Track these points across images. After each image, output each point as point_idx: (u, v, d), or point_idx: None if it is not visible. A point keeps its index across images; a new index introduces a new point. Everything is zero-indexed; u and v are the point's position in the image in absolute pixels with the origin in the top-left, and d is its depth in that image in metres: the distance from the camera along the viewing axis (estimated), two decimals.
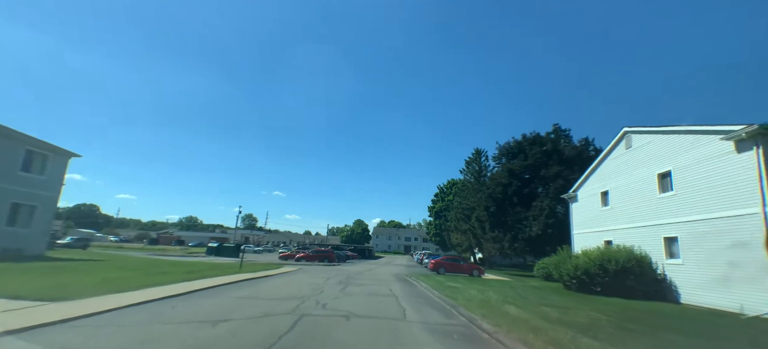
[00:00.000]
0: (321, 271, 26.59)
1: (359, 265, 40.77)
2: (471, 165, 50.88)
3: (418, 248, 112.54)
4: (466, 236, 47.74)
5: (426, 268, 38.94)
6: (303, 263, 38.56)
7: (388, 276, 24.67)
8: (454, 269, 29.67)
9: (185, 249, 59.76)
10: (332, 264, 39.06)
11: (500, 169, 33.58)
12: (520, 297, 13.16)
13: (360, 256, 67.89)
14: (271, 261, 39.06)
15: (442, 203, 61.95)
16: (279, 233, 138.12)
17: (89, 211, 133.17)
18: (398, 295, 13.43)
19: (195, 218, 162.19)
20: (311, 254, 42.77)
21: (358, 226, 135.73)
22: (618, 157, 19.36)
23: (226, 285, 13.73)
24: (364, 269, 32.20)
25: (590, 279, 15.75)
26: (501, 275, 31.32)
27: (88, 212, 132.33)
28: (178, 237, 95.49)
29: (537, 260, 28.32)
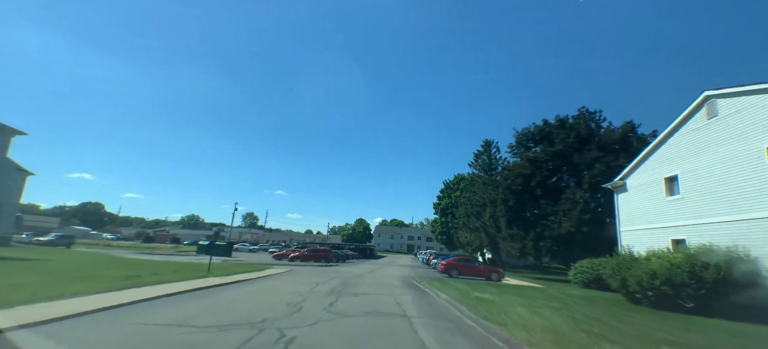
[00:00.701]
0: (313, 273, 22.38)
1: (359, 266, 36.58)
2: (480, 158, 46.51)
3: (421, 247, 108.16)
4: (476, 234, 43.41)
5: (434, 269, 34.66)
6: (296, 264, 34.44)
7: (393, 280, 20.41)
8: (468, 271, 25.39)
9: (176, 247, 55.81)
10: (329, 265, 34.85)
11: (520, 158, 29.28)
12: (596, 320, 8.85)
13: (361, 255, 63.64)
14: (262, 261, 34.93)
15: (448, 200, 57.60)
16: (280, 232, 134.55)
17: (95, 209, 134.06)
18: (411, 313, 9.19)
19: (197, 216, 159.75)
20: (306, 253, 38.59)
21: (360, 225, 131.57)
22: (694, 132, 14.98)
23: (166, 298, 9.55)
24: (364, 270, 27.95)
25: (675, 291, 11.42)
26: (524, 279, 26.95)
27: (94, 210, 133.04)
28: (174, 235, 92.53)
29: (558, 261, 23.81)
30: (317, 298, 11.17)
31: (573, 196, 22.95)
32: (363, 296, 12.37)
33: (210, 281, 14.37)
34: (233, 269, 20.36)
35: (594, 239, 21.60)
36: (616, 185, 19.68)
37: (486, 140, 46.74)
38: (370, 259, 60.15)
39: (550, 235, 24.63)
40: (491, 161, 45.26)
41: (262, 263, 31.43)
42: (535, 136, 28.58)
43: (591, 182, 23.72)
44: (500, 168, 45.16)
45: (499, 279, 24.84)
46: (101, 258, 23.70)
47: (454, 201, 56.17)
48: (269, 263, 33.12)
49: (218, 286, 13.43)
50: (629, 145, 23.77)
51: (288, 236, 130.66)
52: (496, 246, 41.85)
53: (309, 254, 38.27)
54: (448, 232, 55.09)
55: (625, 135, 24.24)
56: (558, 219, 24.17)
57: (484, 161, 46.02)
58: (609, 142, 23.93)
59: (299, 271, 24.18)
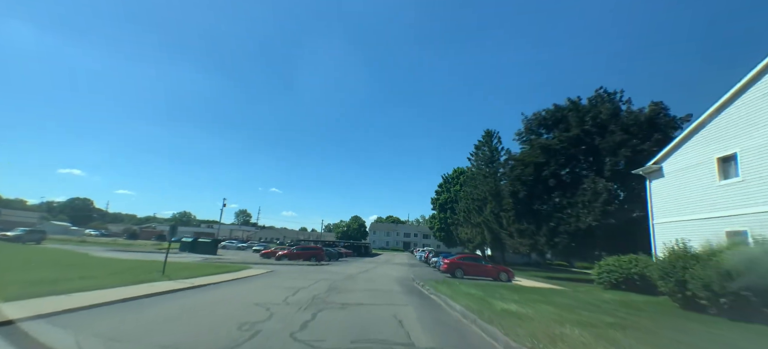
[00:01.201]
0: (298, 274, 19.42)
1: (353, 264, 33.68)
2: (481, 150, 43.79)
3: (418, 244, 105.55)
4: (478, 230, 40.76)
5: (434, 268, 31.88)
6: (284, 263, 31.48)
7: (391, 283, 17.52)
8: (475, 271, 22.61)
9: (158, 245, 52.30)
10: (320, 264, 31.88)
11: (529, 146, 26.53)
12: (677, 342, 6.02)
13: (355, 253, 60.75)
14: (246, 260, 31.89)
15: (447, 195, 54.86)
16: (274, 230, 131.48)
17: (83, 205, 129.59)
18: (420, 342, 6.25)
19: (189, 213, 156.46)
20: (295, 251, 35.59)
21: (355, 222, 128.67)
22: (761, 99, 12.23)
23: (63, 314, 6.55)
24: (357, 270, 25.01)
25: (760, 298, 8.66)
26: (535, 279, 24.21)
27: (82, 206, 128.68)
28: (161, 232, 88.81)
29: (576, 258, 21.09)
30: (289, 313, 8.21)
31: (594, 185, 20.20)
32: (352, 308, 9.43)
33: (159, 286, 11.32)
34: (205, 270, 17.33)
35: (620, 234, 18.90)
36: (649, 170, 16.93)
37: (487, 131, 44.06)
38: (365, 257, 57.26)
39: (566, 230, 21.90)
40: (493, 153, 42.56)
41: (245, 262, 28.44)
42: (546, 121, 25.81)
43: (614, 170, 21.03)
44: (502, 160, 42.48)
45: (510, 280, 22.09)
46: (55, 256, 20.56)
47: (454, 196, 53.45)
48: (253, 262, 30.10)
49: (166, 293, 10.42)
50: (658, 128, 21.08)
51: (282, 233, 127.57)
52: (498, 242, 39.21)
53: (298, 252, 35.27)
54: (447, 228, 52.40)
55: (653, 116, 21.47)
56: (576, 212, 21.43)
57: (484, 153, 43.31)
58: (634, 125, 21.17)
59: (283, 271, 21.21)
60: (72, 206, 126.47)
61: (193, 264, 21.69)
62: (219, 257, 35.08)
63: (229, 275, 16.55)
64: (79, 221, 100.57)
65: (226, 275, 16.12)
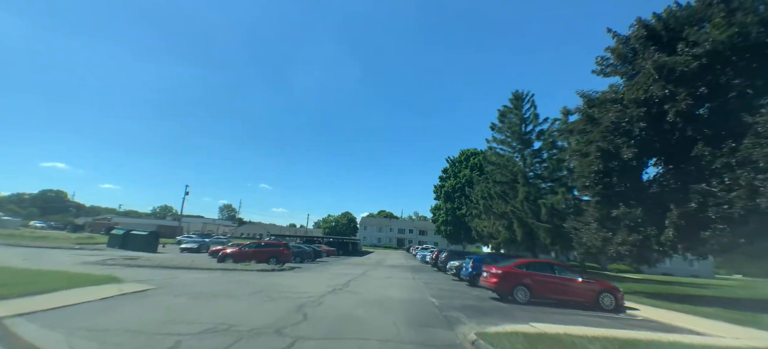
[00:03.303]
0: (185, 303, 8.38)
1: (331, 269, 22.70)
2: (507, 118, 33.12)
3: (414, 241, 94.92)
4: (502, 222, 30.20)
5: (453, 277, 21.13)
6: (224, 266, 20.72)
7: (393, 328, 6.39)
8: (553, 290, 11.98)
9: (80, 238, 40.64)
10: (281, 269, 20.89)
11: (624, 78, 15.96)
12: None
13: (340, 251, 49.48)
14: (164, 263, 20.82)
15: (454, 180, 44.22)
16: (262, 225, 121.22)
17: (56, 197, 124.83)
18: None
19: (170, 207, 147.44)
20: (248, 250, 24.49)
21: (344, 217, 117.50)
22: None
23: None
24: (327, 283, 13.87)
25: None
26: (666, 307, 13.44)
27: (55, 198, 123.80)
28: (114, 224, 78.02)
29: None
30: None
31: None
32: None
33: None
34: None
35: None
36: None
37: (515, 93, 33.38)
38: (353, 256, 46.19)
39: (724, 214, 11.37)
40: (524, 121, 31.94)
41: (168, 264, 17.68)
42: (656, 34, 15.01)
43: None
44: (535, 132, 31.97)
45: (619, 307, 11.47)
46: None
47: (463, 182, 42.82)
48: (164, 265, 19.15)
49: None
50: None
51: (268, 229, 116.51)
52: (532, 240, 28.70)
53: (251, 251, 24.15)
54: (455, 221, 41.82)
55: None
56: (747, 177, 10.94)
57: (512, 123, 32.59)
58: None
59: (181, 286, 10.39)
60: (44, 198, 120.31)
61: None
62: (137, 256, 24.14)
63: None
64: (52, 214, 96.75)
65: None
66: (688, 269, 50.22)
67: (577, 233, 18.04)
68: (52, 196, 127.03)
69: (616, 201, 15.34)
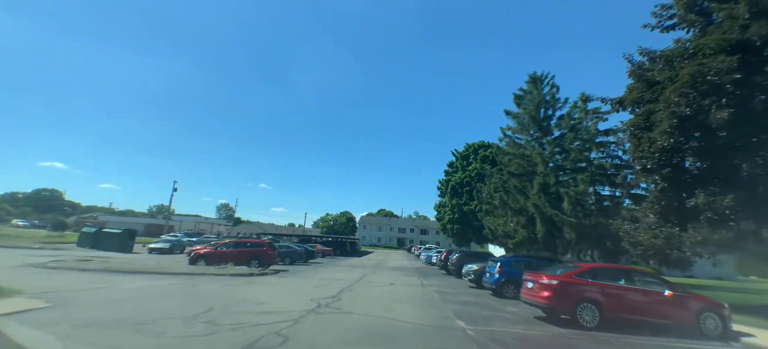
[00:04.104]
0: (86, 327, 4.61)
1: (324, 272, 18.88)
2: (525, 99, 29.48)
3: (415, 240, 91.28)
4: (519, 218, 26.64)
5: (469, 283, 17.46)
6: (197, 268, 17.14)
7: None
8: (630, 309, 8.26)
9: (60, 236, 37.01)
10: (261, 273, 17.19)
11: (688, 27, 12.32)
12: None
13: (338, 251, 45.73)
14: (124, 267, 17.24)
15: (462, 174, 40.52)
16: (260, 225, 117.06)
17: (51, 196, 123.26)
18: None
19: (166, 206, 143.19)
20: (226, 250, 20.80)
21: (343, 216, 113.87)
22: None
23: None
24: (312, 296, 9.99)
25: None
26: None
27: (50, 197, 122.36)
28: (100, 222, 74.50)
29: None
30: None
31: None
32: None
33: None
34: None
35: None
36: None
37: (532, 74, 29.80)
38: (351, 256, 42.55)
39: None
40: (543, 104, 28.29)
41: (121, 269, 14.09)
42: None
43: None
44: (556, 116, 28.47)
45: (727, 332, 7.87)
46: None
47: (472, 175, 39.15)
48: (128, 269, 15.58)
49: None
50: None
51: (266, 228, 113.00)
52: (553, 238, 25.15)
53: (229, 251, 20.46)
54: (463, 219, 38.14)
55: None
56: None
57: (529, 107, 28.93)
58: None
59: (90, 305, 6.71)
60: (38, 197, 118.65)
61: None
62: (102, 256, 20.81)
63: None
64: (46, 212, 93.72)
65: None
66: (711, 270, 46.70)
67: (628, 230, 14.37)
68: (47, 195, 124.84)
69: (692, 187, 11.68)
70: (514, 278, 13.35)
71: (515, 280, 13.31)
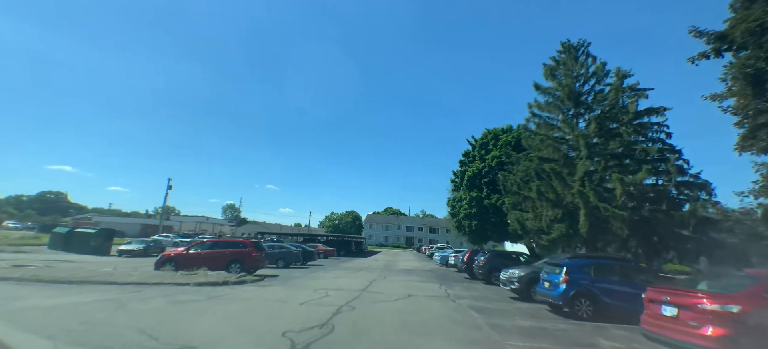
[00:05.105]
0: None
1: (315, 280, 14.37)
2: (558, 70, 25.11)
3: (423, 239, 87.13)
4: (555, 211, 22.37)
5: (508, 292, 13.22)
6: (162, 275, 13.28)
7: None
8: None
9: (35, 238, 33.67)
10: (236, 282, 13.08)
11: None
12: None
13: (342, 251, 41.73)
14: (90, 272, 13.43)
15: (479, 164, 36.22)
16: (266, 225, 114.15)
17: (56, 199, 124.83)
18: None
19: (173, 207, 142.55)
20: (200, 252, 16.83)
21: (349, 215, 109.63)
22: None
23: None
24: (289, 325, 5.92)
25: None
26: None
27: (55, 199, 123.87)
28: (95, 223, 72.12)
29: None
30: None
31: None
32: None
33: None
34: None
35: None
36: None
37: (565, 43, 25.50)
38: (357, 257, 38.53)
39: None
40: (579, 77, 23.95)
41: (57, 278, 10.30)
42: None
43: None
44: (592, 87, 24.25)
45: None
46: None
47: (491, 165, 34.84)
48: (64, 278, 11.75)
49: None
50: None
51: (271, 228, 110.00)
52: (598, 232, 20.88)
53: (203, 253, 16.51)
54: (482, 214, 33.88)
55: None
56: None
57: (563, 81, 24.54)
58: None
59: None
60: (43, 199, 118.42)
61: None
62: (63, 259, 17.23)
63: None
64: (51, 215, 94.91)
65: None
66: None
67: None
68: (52, 197, 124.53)
69: None
70: (587, 288, 9.23)
71: (589, 291, 9.21)
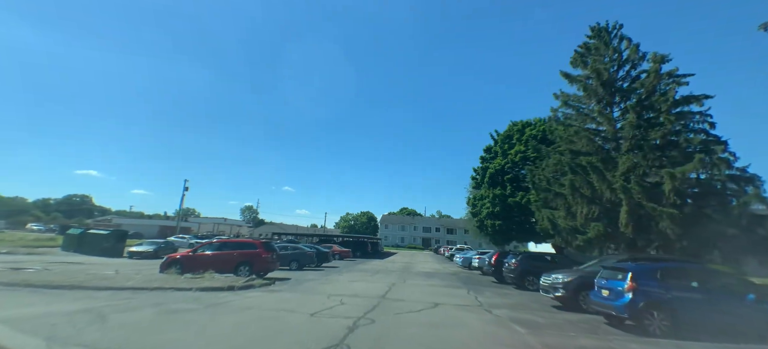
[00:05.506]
0: None
1: (330, 284, 12.89)
2: (590, 56, 23.03)
3: (440, 240, 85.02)
4: (592, 208, 20.35)
5: (550, 299, 11.46)
6: (166, 278, 12.16)
7: None
8: None
9: (51, 240, 33.69)
10: (242, 287, 11.82)
11: None
12: None
13: (357, 252, 40.45)
14: (90, 276, 12.52)
15: (502, 159, 34.15)
16: (283, 226, 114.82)
17: (81, 201, 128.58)
18: None
19: (193, 210, 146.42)
20: (207, 254, 15.74)
21: (364, 216, 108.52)
22: None
23: None
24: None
25: None
26: None
27: (80, 202, 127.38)
28: (116, 225, 73.59)
29: None
30: None
31: None
32: None
33: None
34: None
35: None
36: None
37: (595, 27, 23.49)
38: (372, 258, 37.13)
39: None
40: (614, 61, 21.83)
41: (67, 280, 9.37)
42: None
43: None
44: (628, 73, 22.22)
45: None
46: None
47: (515, 160, 32.76)
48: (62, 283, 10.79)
49: None
50: None
51: (286, 229, 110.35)
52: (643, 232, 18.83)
53: (210, 255, 15.39)
54: (505, 212, 31.83)
55: None
56: None
57: (596, 66, 22.37)
58: None
59: None
60: (69, 202, 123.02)
61: None
62: (78, 262, 16.45)
63: None
64: (76, 217, 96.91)
65: None
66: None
67: None
68: (77, 201, 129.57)
69: None
70: (659, 297, 7.48)
71: (662, 301, 7.46)
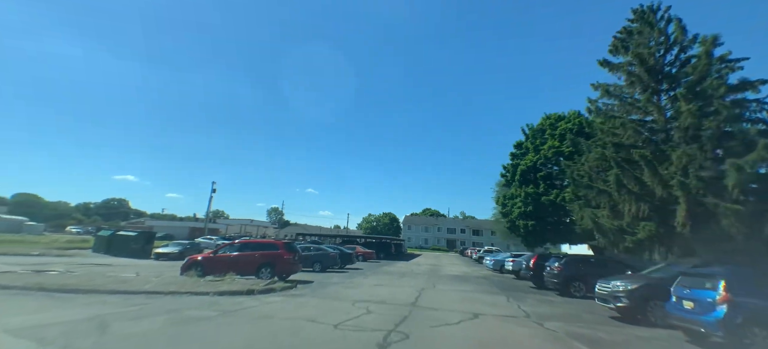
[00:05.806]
0: None
1: (355, 288, 11.66)
2: (631, 40, 20.96)
3: (466, 242, 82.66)
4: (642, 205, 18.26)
5: (595, 306, 9.86)
6: (186, 281, 11.65)
7: None
8: None
9: (83, 241, 34.80)
10: (262, 291, 11.07)
11: None
12: None
13: (381, 254, 39.49)
14: (110, 279, 12.24)
15: (534, 155, 32.08)
16: (307, 227, 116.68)
17: (119, 205, 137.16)
18: None
19: (222, 211, 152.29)
20: (228, 255, 15.18)
21: (386, 217, 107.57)
22: None
23: None
24: None
25: None
26: None
27: (117, 206, 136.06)
28: (148, 227, 76.48)
29: None
30: None
31: None
32: None
33: None
34: None
35: None
36: None
37: (638, 9, 21.41)
38: (396, 260, 35.96)
39: None
40: (661, 44, 19.69)
41: (85, 285, 8.95)
42: None
43: None
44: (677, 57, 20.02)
45: None
46: None
47: (548, 156, 30.71)
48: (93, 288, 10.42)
49: None
50: None
51: (310, 231, 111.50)
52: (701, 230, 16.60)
53: (232, 256, 14.82)
54: (538, 212, 29.84)
55: None
56: None
57: (640, 51, 20.28)
58: None
59: None
60: (107, 206, 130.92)
61: None
62: (107, 264, 16.41)
63: None
64: (114, 220, 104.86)
65: None
66: None
67: None
68: (115, 204, 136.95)
69: None
70: (758, 311, 5.98)
71: (759, 317, 5.95)
